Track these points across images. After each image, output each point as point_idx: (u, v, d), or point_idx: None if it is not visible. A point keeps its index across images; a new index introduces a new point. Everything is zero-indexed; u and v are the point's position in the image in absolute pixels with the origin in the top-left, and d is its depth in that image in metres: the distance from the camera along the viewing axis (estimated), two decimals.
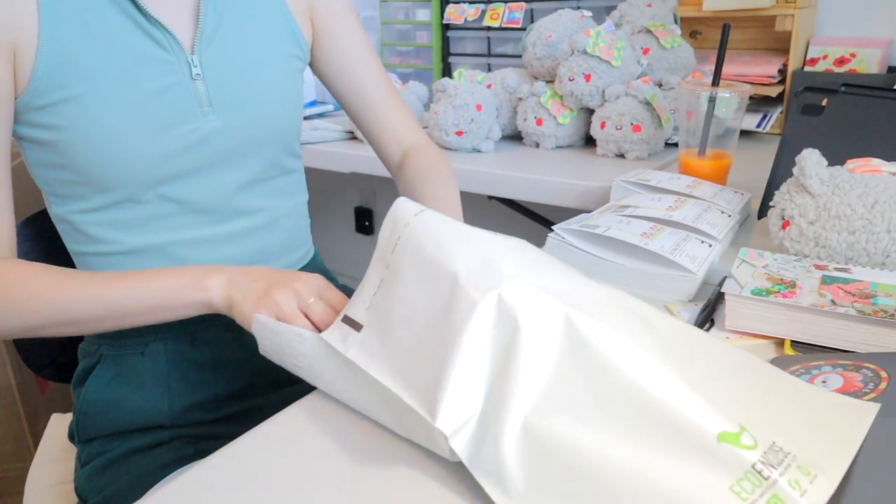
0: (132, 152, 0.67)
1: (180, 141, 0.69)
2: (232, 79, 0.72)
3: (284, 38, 0.78)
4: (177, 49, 0.69)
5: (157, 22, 0.68)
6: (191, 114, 0.70)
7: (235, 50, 0.73)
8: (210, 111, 0.71)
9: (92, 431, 0.75)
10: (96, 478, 0.73)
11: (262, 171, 0.77)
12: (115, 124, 0.66)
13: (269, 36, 0.77)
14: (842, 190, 0.69)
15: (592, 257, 0.74)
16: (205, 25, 0.71)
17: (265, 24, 0.76)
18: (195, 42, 0.70)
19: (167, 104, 0.68)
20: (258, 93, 0.74)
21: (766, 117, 1.40)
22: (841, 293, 0.60)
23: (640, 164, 1.23)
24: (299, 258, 0.85)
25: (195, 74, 0.70)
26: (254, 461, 0.49)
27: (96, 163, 0.67)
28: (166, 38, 0.69)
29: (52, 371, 0.93)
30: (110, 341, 0.76)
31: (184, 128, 0.69)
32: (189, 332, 0.76)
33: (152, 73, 0.68)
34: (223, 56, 0.72)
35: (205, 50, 0.71)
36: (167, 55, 0.69)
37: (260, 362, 0.79)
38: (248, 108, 0.73)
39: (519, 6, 1.76)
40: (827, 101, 0.90)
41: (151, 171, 0.69)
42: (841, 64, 1.37)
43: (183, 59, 0.70)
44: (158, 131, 0.68)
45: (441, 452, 0.47)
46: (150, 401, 0.74)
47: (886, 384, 0.48)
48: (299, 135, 0.83)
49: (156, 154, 0.68)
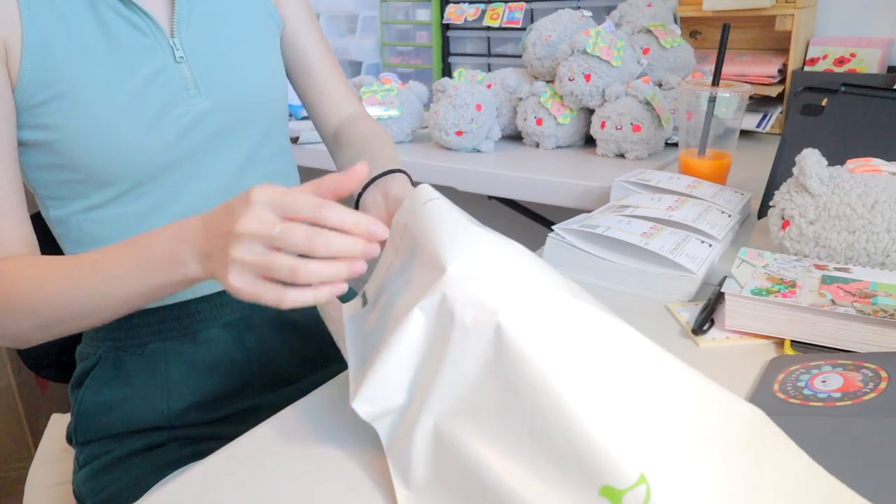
0: (129, 143, 0.67)
1: (173, 126, 0.69)
2: (215, 58, 0.73)
3: (260, 11, 0.79)
4: (158, 34, 0.69)
5: (136, 7, 0.68)
6: (179, 97, 0.70)
7: (215, 29, 0.74)
8: (196, 93, 0.71)
9: (90, 433, 0.75)
10: (94, 479, 0.73)
11: (256, 150, 0.77)
12: (109, 116, 0.66)
13: (246, 11, 0.77)
14: (842, 190, 0.69)
15: (592, 257, 0.74)
16: (181, 8, 0.71)
17: (242, 1, 0.77)
18: (174, 25, 0.71)
19: (156, 90, 0.68)
20: (242, 70, 0.75)
21: (766, 117, 1.40)
22: (841, 293, 0.60)
23: (640, 164, 1.23)
24: None
25: (178, 57, 0.70)
26: (252, 462, 0.49)
27: (95, 157, 0.67)
28: (146, 22, 0.68)
29: (51, 371, 0.93)
30: (109, 343, 0.76)
31: (174, 112, 0.69)
32: (189, 332, 0.76)
33: (138, 61, 0.68)
34: (203, 36, 0.72)
35: (184, 32, 0.71)
36: (149, 41, 0.69)
37: (259, 363, 0.80)
38: (233, 86, 0.74)
39: (519, 6, 1.76)
40: (827, 101, 0.90)
41: (150, 160, 0.69)
42: (841, 64, 1.37)
43: (165, 42, 0.70)
44: (152, 119, 0.68)
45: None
46: (148, 402, 0.74)
47: (886, 384, 0.48)
48: (286, 109, 0.83)
49: (153, 142, 0.68)
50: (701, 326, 0.62)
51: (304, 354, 0.83)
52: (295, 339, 0.82)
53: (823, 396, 0.49)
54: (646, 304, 0.69)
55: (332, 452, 0.49)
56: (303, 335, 0.83)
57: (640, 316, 0.67)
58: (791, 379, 0.53)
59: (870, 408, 0.46)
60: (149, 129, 0.68)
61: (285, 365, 0.81)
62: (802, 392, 0.50)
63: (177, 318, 0.76)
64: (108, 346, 0.76)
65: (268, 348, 0.80)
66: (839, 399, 0.48)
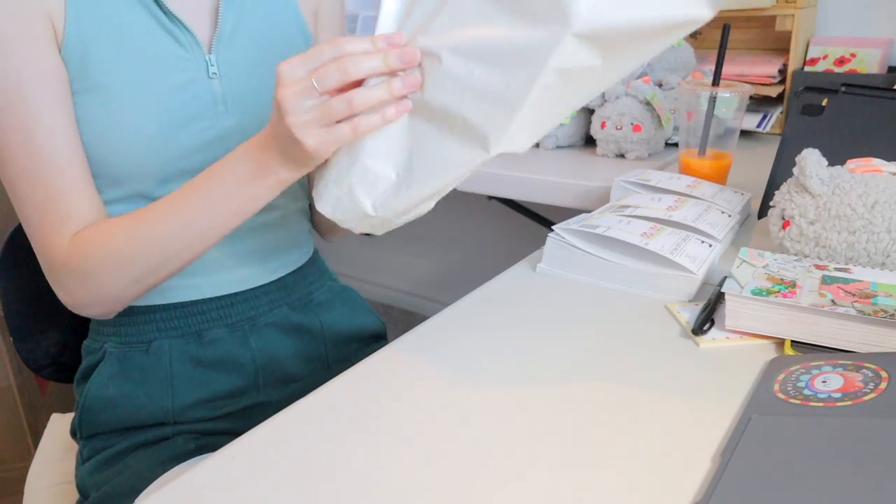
0: (149, 147, 0.68)
1: (195, 138, 0.70)
2: (247, 79, 0.73)
3: (297, 38, 0.80)
4: (195, 48, 0.70)
5: (178, 20, 0.69)
6: (206, 112, 0.71)
7: (251, 50, 0.74)
8: (224, 110, 0.72)
9: (94, 427, 0.76)
10: (98, 473, 0.73)
11: None
12: (134, 118, 0.67)
13: (283, 37, 0.78)
14: (842, 190, 0.69)
15: (592, 257, 0.74)
16: (223, 25, 0.72)
17: (280, 25, 0.78)
18: (213, 41, 0.72)
19: (184, 101, 0.69)
20: (271, 92, 0.75)
21: (766, 117, 1.40)
22: (841, 293, 0.60)
23: (640, 164, 1.23)
24: (300, 255, 0.86)
25: (211, 73, 0.71)
26: (254, 459, 0.49)
27: (112, 154, 0.68)
28: (185, 36, 0.70)
29: (52, 371, 0.93)
30: (115, 338, 0.76)
31: (198, 125, 0.70)
32: (194, 331, 0.77)
33: (170, 70, 0.69)
34: (239, 56, 0.73)
35: (222, 50, 0.72)
36: (185, 53, 0.70)
37: (263, 362, 0.80)
38: (262, 108, 0.74)
39: None
40: (827, 101, 0.90)
41: (167, 166, 0.70)
42: (841, 64, 1.37)
43: (200, 57, 0.71)
44: (175, 127, 0.69)
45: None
46: (153, 398, 0.75)
47: (886, 384, 0.48)
48: None
49: (171, 150, 0.69)
50: (701, 326, 0.62)
51: (308, 354, 0.83)
52: (299, 341, 0.83)
53: (824, 397, 0.49)
54: (646, 304, 0.69)
55: (335, 451, 0.49)
56: (307, 337, 0.83)
57: (640, 316, 0.67)
58: (791, 379, 0.53)
59: (870, 408, 0.46)
60: (170, 135, 0.69)
61: (289, 364, 0.82)
62: (802, 392, 0.50)
63: (183, 317, 0.76)
64: (113, 342, 0.76)
65: (272, 348, 0.80)
66: (839, 399, 0.48)
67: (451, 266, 2.39)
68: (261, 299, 0.80)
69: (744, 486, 0.42)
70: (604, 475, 0.45)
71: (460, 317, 0.68)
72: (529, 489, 0.44)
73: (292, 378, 0.82)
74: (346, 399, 0.56)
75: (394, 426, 0.52)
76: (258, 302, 0.80)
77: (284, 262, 0.83)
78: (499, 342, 0.63)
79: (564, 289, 0.73)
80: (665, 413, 0.52)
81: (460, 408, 0.53)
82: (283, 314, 0.82)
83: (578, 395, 0.54)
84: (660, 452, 0.47)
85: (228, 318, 0.78)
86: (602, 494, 0.44)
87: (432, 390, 0.56)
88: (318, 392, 0.57)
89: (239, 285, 0.79)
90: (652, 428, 0.50)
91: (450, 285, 2.39)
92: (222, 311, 0.78)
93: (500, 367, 0.59)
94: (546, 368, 0.58)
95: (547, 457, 0.47)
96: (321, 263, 0.92)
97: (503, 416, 0.52)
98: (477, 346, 0.62)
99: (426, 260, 2.43)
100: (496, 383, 0.56)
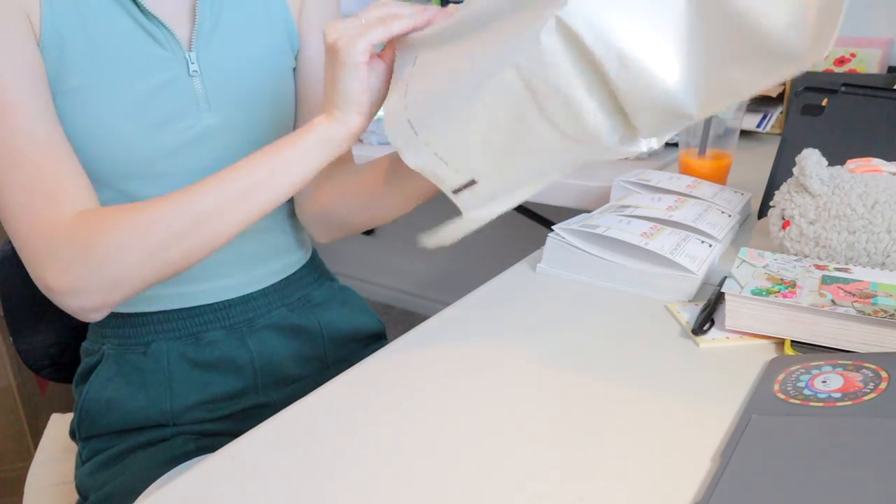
0: (129, 147, 0.67)
1: (177, 137, 0.69)
2: (229, 76, 0.72)
3: (281, 34, 0.78)
4: (175, 47, 0.69)
5: (156, 19, 0.68)
6: (188, 111, 0.70)
7: (233, 47, 0.73)
8: (207, 108, 0.71)
9: (93, 429, 0.75)
10: (97, 474, 0.73)
11: None
12: (114, 120, 0.66)
13: (266, 32, 0.76)
14: (842, 190, 0.69)
15: (592, 257, 0.74)
16: (202, 23, 0.71)
17: (264, 21, 0.76)
18: (192, 39, 0.70)
19: (164, 99, 0.68)
20: (255, 91, 0.74)
21: (766, 117, 1.40)
22: (841, 293, 0.60)
23: (640, 164, 1.22)
24: (298, 259, 0.86)
25: (192, 71, 0.70)
26: (254, 460, 0.49)
27: (93, 155, 0.67)
28: (164, 35, 0.68)
29: (52, 371, 0.93)
30: (113, 340, 0.76)
31: (180, 124, 0.69)
32: (191, 333, 0.77)
33: (150, 70, 0.68)
34: (221, 53, 0.72)
35: (202, 47, 0.71)
36: (164, 52, 0.69)
37: (261, 363, 0.80)
38: (245, 106, 0.73)
39: None
40: (827, 101, 0.90)
41: (149, 166, 0.69)
42: (841, 64, 1.37)
43: (180, 55, 0.69)
44: (155, 126, 0.68)
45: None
46: (151, 400, 0.74)
47: (886, 384, 0.48)
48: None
49: (152, 149, 0.68)
50: (701, 326, 0.62)
51: (307, 355, 0.83)
52: (297, 341, 0.83)
53: (823, 397, 0.49)
54: (646, 304, 0.69)
55: (334, 451, 0.49)
56: (305, 337, 0.83)
57: (640, 316, 0.67)
58: (791, 379, 0.53)
59: (870, 408, 0.46)
60: (149, 135, 0.68)
61: (288, 365, 0.81)
62: (802, 392, 0.50)
63: (180, 320, 0.76)
64: (112, 344, 0.76)
65: (270, 350, 0.80)
66: (839, 399, 0.48)
67: (451, 266, 2.39)
68: (258, 301, 0.80)
69: (744, 486, 0.42)
70: (604, 475, 0.45)
71: (460, 317, 0.68)
72: (530, 488, 0.44)
73: (291, 379, 0.82)
74: (346, 399, 0.56)
75: (393, 426, 0.52)
76: (256, 304, 0.80)
77: (282, 266, 0.83)
78: (499, 342, 0.63)
79: (564, 289, 0.73)
80: (665, 413, 0.52)
81: (460, 407, 0.53)
82: (282, 315, 0.82)
83: (578, 395, 0.54)
84: (660, 452, 0.47)
85: (226, 321, 0.78)
86: (602, 494, 0.44)
87: (432, 390, 0.56)
88: (317, 392, 0.57)
89: (236, 291, 0.78)
90: (652, 428, 0.50)
91: (450, 285, 2.39)
92: (219, 314, 0.78)
93: (500, 367, 0.59)
94: (546, 368, 0.58)
95: (547, 456, 0.47)
96: (320, 264, 0.92)
97: (503, 415, 0.52)
98: (477, 346, 0.62)
99: (426, 260, 2.43)
100: (496, 383, 0.56)
